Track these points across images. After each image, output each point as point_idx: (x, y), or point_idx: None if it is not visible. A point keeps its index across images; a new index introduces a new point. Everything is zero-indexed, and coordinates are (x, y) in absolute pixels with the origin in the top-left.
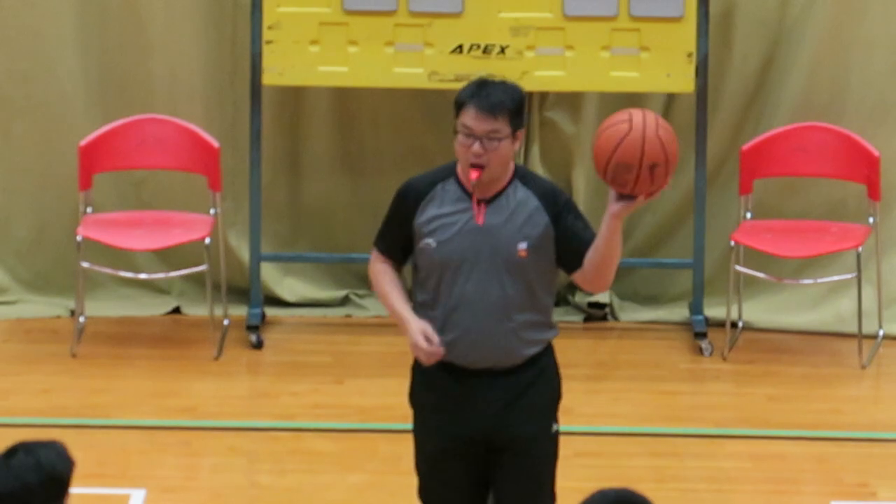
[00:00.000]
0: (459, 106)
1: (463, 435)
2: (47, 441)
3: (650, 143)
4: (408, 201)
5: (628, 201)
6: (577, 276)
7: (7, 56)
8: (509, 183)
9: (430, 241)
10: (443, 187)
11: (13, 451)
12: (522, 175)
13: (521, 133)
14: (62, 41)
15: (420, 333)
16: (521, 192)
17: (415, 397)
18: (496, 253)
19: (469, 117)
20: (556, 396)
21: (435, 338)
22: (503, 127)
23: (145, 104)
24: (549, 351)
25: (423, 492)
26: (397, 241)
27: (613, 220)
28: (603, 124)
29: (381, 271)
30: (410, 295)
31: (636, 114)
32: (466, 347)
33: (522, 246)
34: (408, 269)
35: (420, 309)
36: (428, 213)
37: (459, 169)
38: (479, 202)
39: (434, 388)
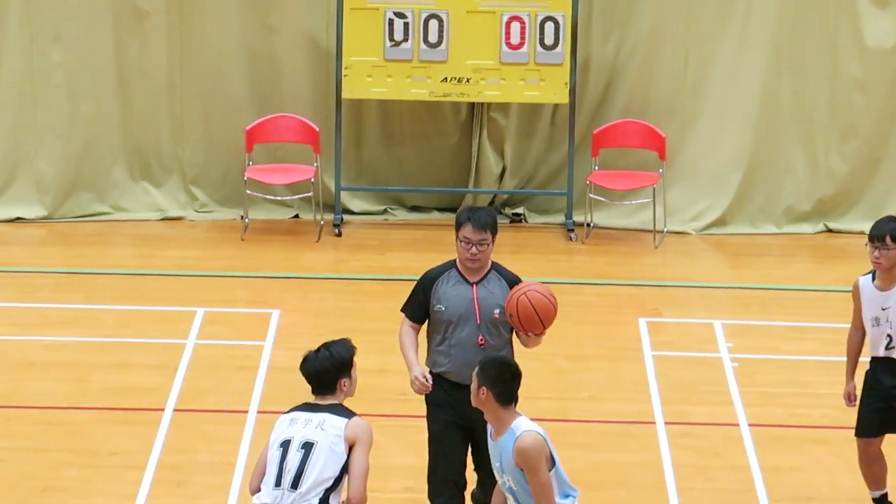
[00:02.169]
0: (459, 224)
1: (455, 421)
2: (338, 339)
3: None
4: (426, 284)
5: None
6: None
7: (202, 74)
8: (489, 272)
9: (441, 306)
10: (448, 274)
11: (319, 348)
12: (497, 267)
13: (496, 238)
14: (236, 65)
15: (420, 375)
16: (495, 278)
17: (427, 398)
18: (481, 315)
19: (467, 231)
20: None
21: (428, 380)
22: (489, 237)
23: (279, 106)
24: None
25: (432, 454)
26: (419, 308)
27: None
28: (553, 299)
29: (405, 333)
30: (428, 338)
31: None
32: (459, 370)
33: (497, 311)
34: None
35: (434, 346)
36: (439, 290)
37: (458, 263)
38: (471, 283)
39: (439, 393)
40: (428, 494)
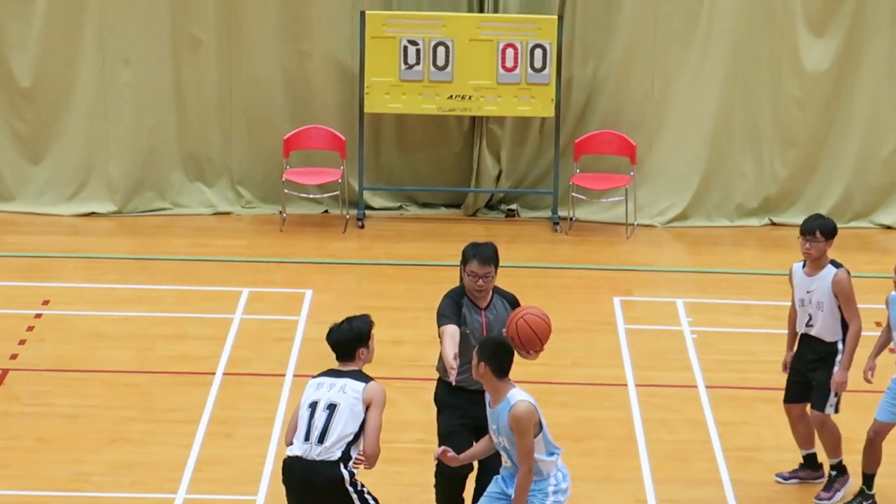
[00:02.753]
0: (466, 259)
1: (468, 423)
2: (359, 315)
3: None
4: (458, 298)
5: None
6: None
7: (247, 92)
8: (493, 297)
9: (466, 329)
10: (465, 300)
11: (342, 322)
12: (497, 290)
13: (497, 269)
14: (275, 85)
15: (453, 358)
16: (499, 301)
17: (440, 400)
18: (490, 334)
19: (474, 266)
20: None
21: (456, 365)
22: (492, 270)
23: (311, 119)
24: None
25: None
26: (455, 316)
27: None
28: (548, 318)
29: (447, 328)
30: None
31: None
32: (470, 379)
33: (504, 330)
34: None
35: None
36: (463, 312)
37: (467, 292)
38: (481, 309)
39: (451, 397)
40: (435, 485)
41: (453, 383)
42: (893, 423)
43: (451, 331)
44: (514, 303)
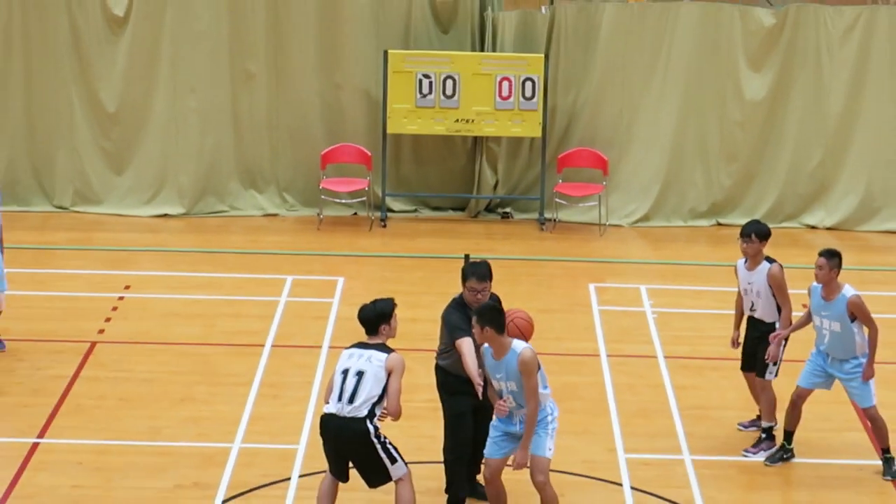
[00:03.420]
0: (465, 277)
1: (473, 405)
2: (384, 297)
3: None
4: (462, 309)
5: None
6: None
7: (291, 116)
8: None
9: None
10: (467, 310)
11: (369, 303)
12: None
13: (492, 283)
14: (314, 110)
15: (479, 375)
16: None
17: (449, 388)
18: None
19: (473, 283)
20: None
21: (481, 381)
22: (488, 284)
23: (343, 138)
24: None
25: (452, 427)
26: (468, 327)
27: None
28: (531, 320)
29: (465, 340)
30: (445, 350)
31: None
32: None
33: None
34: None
35: (455, 358)
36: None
37: (467, 303)
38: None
39: (459, 384)
40: (448, 461)
41: (479, 398)
42: (812, 390)
43: (469, 344)
44: (497, 299)
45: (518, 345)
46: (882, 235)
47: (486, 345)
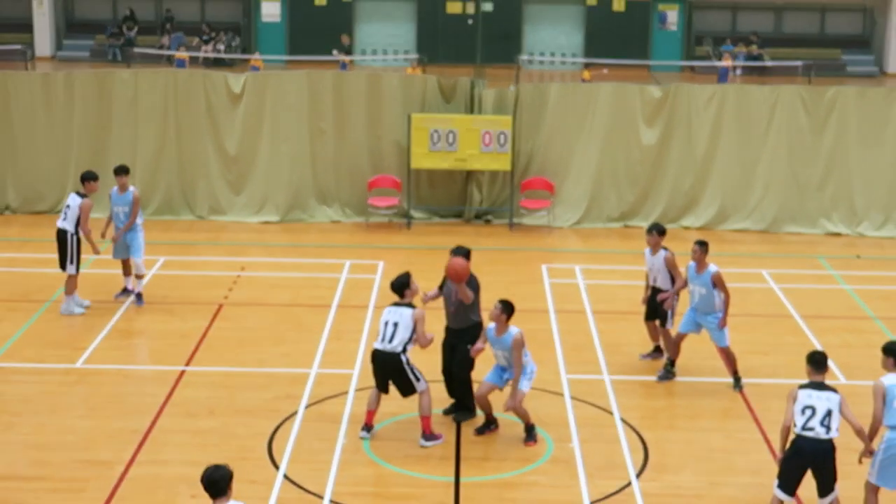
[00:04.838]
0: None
1: (451, 341)
2: (404, 272)
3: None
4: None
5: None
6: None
7: (350, 158)
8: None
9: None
10: (447, 282)
11: (397, 276)
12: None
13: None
14: (364, 153)
15: (482, 340)
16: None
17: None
18: (455, 297)
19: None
20: (473, 338)
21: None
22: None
23: (382, 170)
24: (475, 325)
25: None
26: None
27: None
28: (457, 266)
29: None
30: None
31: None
32: (452, 320)
33: (471, 295)
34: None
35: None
36: (447, 285)
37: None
38: (454, 287)
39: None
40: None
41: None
42: (687, 333)
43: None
44: (477, 282)
45: (513, 329)
46: (732, 233)
47: (491, 324)
